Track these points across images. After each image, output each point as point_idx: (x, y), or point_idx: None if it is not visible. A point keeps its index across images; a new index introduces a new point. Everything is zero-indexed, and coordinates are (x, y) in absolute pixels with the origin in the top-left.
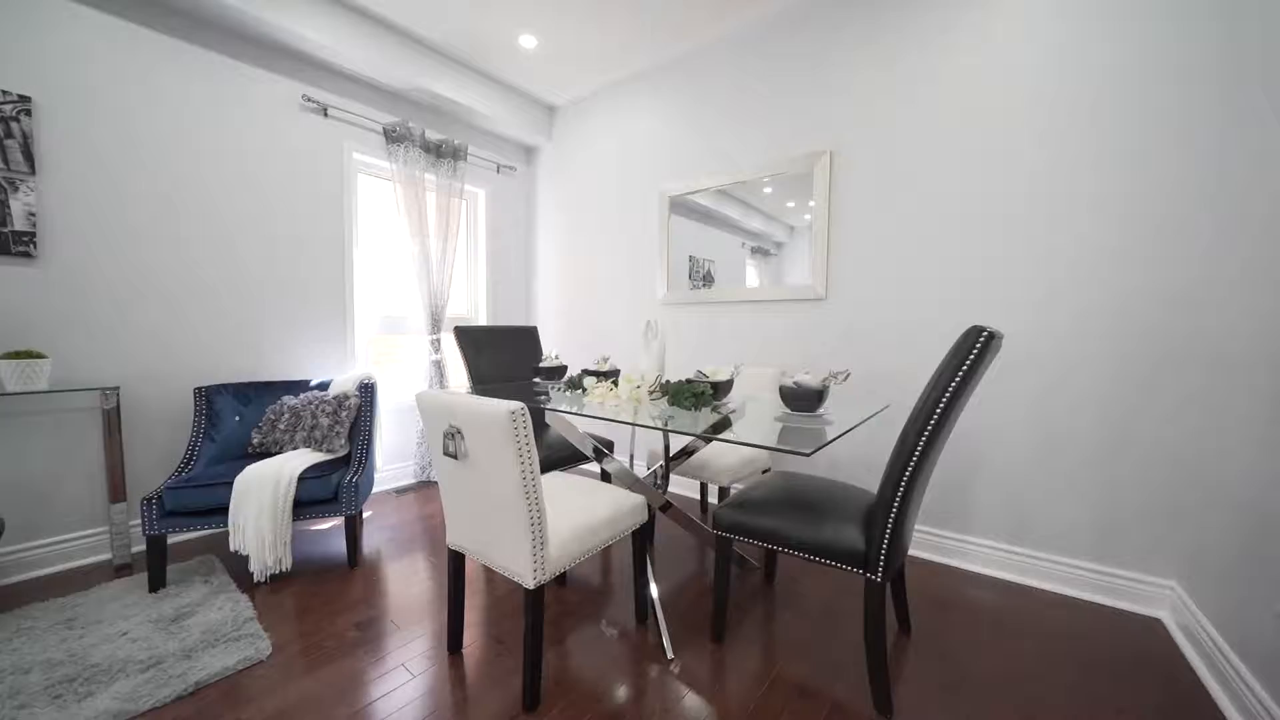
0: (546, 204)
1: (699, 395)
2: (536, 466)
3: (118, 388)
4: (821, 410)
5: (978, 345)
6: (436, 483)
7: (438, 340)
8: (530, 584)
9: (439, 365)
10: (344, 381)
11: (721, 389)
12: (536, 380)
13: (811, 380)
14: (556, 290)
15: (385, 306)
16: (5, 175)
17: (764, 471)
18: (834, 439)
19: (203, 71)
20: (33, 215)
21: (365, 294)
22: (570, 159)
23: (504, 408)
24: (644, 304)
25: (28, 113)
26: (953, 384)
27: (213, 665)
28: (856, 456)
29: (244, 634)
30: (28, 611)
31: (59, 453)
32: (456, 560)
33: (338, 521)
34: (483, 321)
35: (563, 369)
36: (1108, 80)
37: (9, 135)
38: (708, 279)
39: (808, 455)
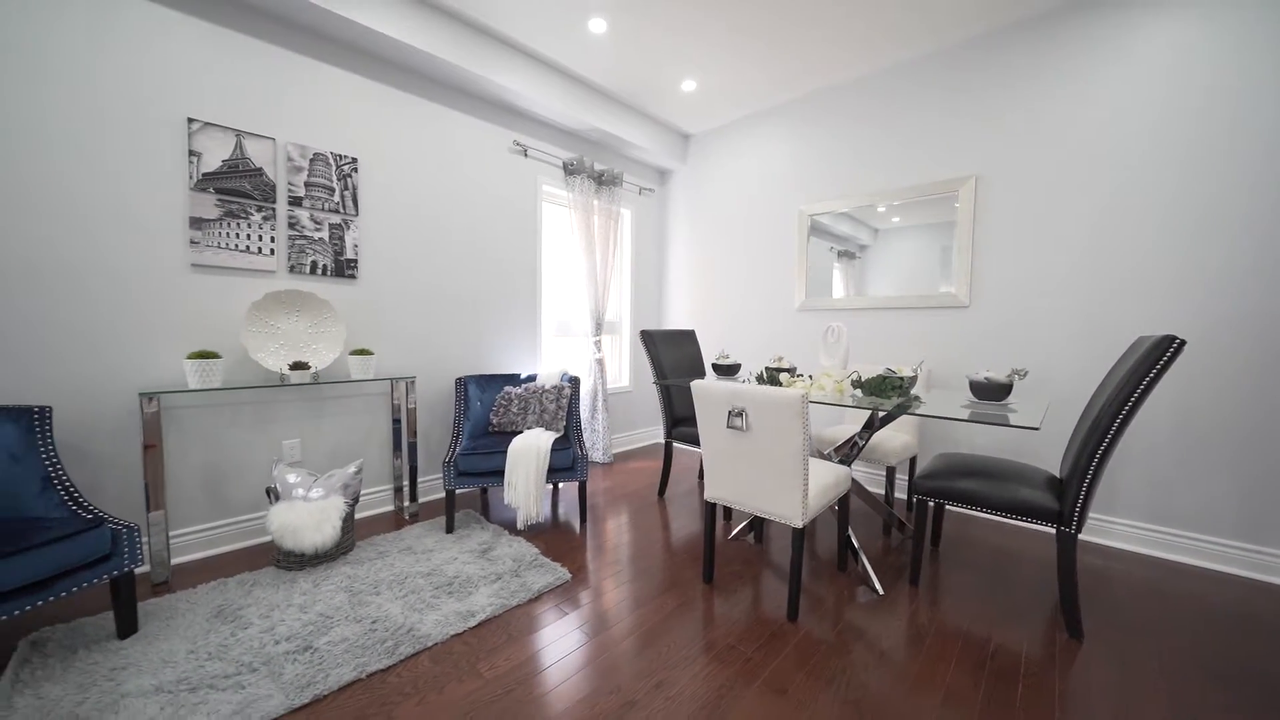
0: (678, 221)
1: (898, 387)
2: (810, 438)
3: (414, 377)
4: (1006, 400)
5: (1171, 350)
6: (597, 463)
7: (599, 341)
8: (799, 524)
9: (600, 363)
10: (548, 375)
11: (910, 383)
12: (714, 377)
13: (998, 376)
14: (688, 297)
15: (558, 313)
16: (343, 217)
17: (912, 458)
18: (1044, 413)
19: (449, 127)
20: (356, 247)
21: (547, 303)
22: (703, 181)
23: (795, 394)
24: (774, 309)
25: (355, 170)
26: (1147, 378)
27: (539, 581)
28: (995, 443)
29: (542, 563)
30: (373, 541)
31: (365, 426)
32: (712, 510)
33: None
34: (627, 325)
35: (737, 366)
36: (1249, 117)
37: (346, 188)
38: None
39: (1037, 429)
